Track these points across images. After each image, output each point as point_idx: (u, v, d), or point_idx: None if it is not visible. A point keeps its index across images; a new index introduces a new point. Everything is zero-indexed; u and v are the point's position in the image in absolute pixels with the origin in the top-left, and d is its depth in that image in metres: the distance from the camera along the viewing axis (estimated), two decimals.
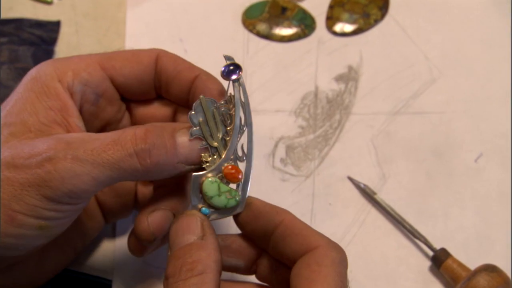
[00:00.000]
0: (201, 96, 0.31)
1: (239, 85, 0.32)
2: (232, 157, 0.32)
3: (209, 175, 0.32)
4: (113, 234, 0.43)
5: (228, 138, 0.32)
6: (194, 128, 0.31)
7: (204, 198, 0.32)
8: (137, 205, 0.40)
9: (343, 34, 0.50)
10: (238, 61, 0.45)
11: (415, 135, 0.47)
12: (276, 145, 0.47)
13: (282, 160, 0.46)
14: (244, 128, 0.33)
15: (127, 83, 0.36)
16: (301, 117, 0.48)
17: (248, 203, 0.32)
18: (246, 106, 0.33)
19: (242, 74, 0.33)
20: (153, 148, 0.30)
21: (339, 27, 0.50)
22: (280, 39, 0.50)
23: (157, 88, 0.37)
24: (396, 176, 0.46)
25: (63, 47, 0.49)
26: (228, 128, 0.32)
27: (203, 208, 0.32)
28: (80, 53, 0.36)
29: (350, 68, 0.49)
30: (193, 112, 0.31)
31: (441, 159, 0.46)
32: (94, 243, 0.43)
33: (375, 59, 0.50)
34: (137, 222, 0.34)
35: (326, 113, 0.48)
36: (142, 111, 0.38)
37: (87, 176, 0.29)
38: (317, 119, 0.47)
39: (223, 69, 0.32)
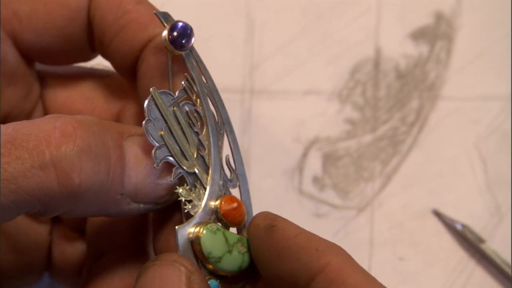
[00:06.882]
0: (152, 89, 0.30)
1: (194, 59, 0.32)
2: (220, 182, 0.32)
3: (194, 223, 0.31)
4: None
5: (205, 153, 0.32)
6: (157, 149, 0.30)
7: (205, 263, 0.30)
8: (52, 267, 0.37)
9: None
10: (238, 3, 0.47)
11: None
12: (305, 154, 0.44)
13: (316, 180, 0.44)
14: (223, 130, 0.33)
15: (42, 44, 0.34)
16: (351, 103, 0.46)
17: (268, 226, 0.31)
18: (213, 92, 0.32)
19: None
20: (87, 156, 0.28)
21: None
22: None
23: (93, 45, 0.35)
24: None
25: None
26: (200, 136, 0.32)
27: (211, 281, 0.30)
28: None
29: (438, 16, 0.47)
30: (149, 120, 0.30)
31: None
32: None
33: (483, 1, 0.47)
34: None
35: (395, 98, 0.46)
36: (66, 98, 0.36)
37: None
38: (378, 108, 0.45)
39: (166, 34, 0.31)
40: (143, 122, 0.30)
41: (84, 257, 0.36)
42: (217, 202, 0.31)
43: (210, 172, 0.32)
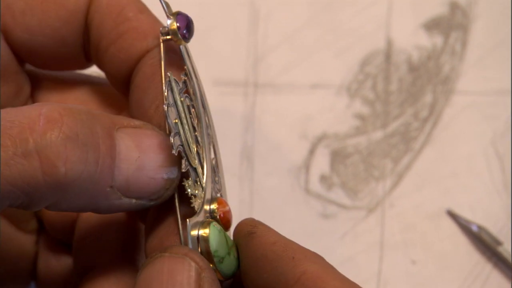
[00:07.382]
0: (169, 74, 0.31)
1: (188, 55, 0.33)
2: (211, 184, 0.33)
3: (198, 220, 0.31)
4: None
5: (201, 150, 0.32)
6: (174, 135, 0.30)
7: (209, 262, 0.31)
8: (38, 277, 0.38)
9: None
10: None
11: None
12: (312, 151, 0.44)
13: (323, 179, 0.44)
14: (211, 132, 0.34)
15: (34, 43, 0.34)
16: (360, 98, 0.46)
17: (248, 233, 0.31)
18: (202, 93, 0.34)
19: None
20: (74, 144, 0.28)
21: None
22: None
23: (88, 53, 0.36)
24: None
25: None
26: (197, 133, 0.33)
27: None
28: None
29: (453, 5, 0.47)
30: (169, 104, 0.31)
31: None
32: None
33: None
34: None
35: (408, 92, 0.46)
36: (59, 100, 0.37)
37: None
38: (389, 103, 0.45)
39: (173, 22, 0.31)
40: (164, 106, 0.30)
41: (69, 272, 0.36)
42: (214, 204, 0.31)
43: (205, 171, 0.32)
